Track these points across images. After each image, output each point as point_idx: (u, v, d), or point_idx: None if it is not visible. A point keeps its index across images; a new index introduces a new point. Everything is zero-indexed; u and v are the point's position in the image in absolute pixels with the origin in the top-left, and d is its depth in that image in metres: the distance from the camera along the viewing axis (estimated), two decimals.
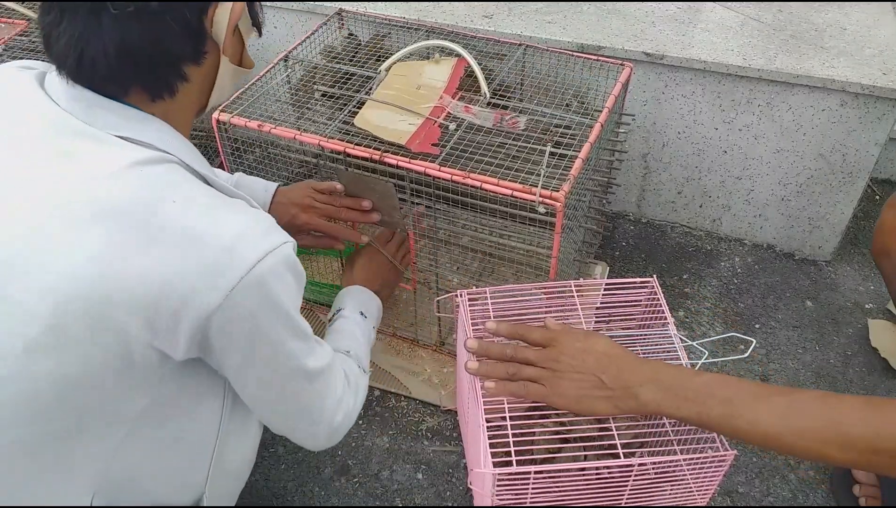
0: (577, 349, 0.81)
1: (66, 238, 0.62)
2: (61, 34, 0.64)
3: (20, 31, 1.40)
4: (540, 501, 0.81)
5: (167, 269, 0.62)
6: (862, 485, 1.06)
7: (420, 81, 1.18)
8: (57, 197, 0.63)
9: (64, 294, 0.61)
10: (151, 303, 0.62)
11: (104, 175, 0.64)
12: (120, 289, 0.61)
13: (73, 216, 0.62)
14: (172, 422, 0.73)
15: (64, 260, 0.61)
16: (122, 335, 0.63)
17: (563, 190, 0.94)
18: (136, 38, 0.64)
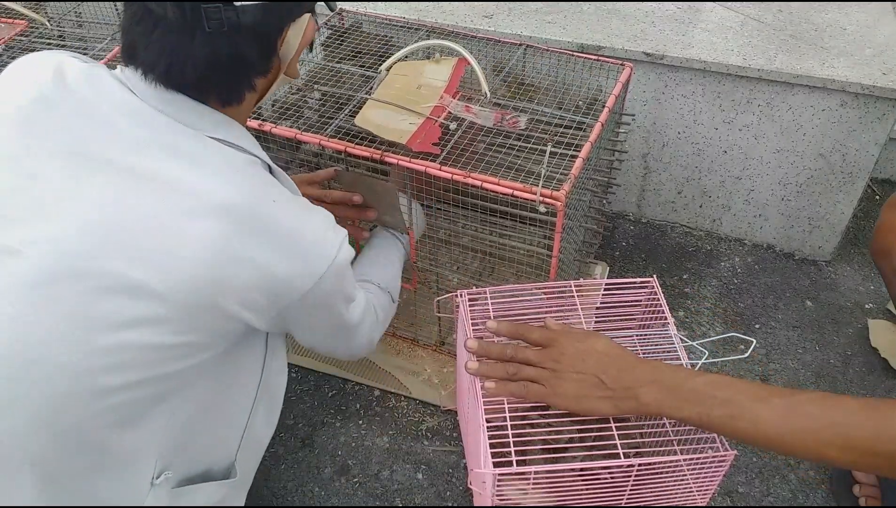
0: (577, 350, 0.81)
1: (181, 225, 0.68)
2: (152, 43, 0.70)
3: (20, 31, 1.40)
4: (540, 501, 0.81)
5: (271, 260, 0.72)
6: (862, 485, 1.06)
7: (421, 80, 1.18)
8: (173, 190, 0.69)
9: (179, 277, 0.68)
10: (255, 288, 0.72)
11: (210, 172, 0.71)
12: (230, 275, 0.70)
13: (186, 207, 0.69)
14: (220, 390, 0.81)
15: (180, 246, 0.68)
16: (222, 315, 0.72)
17: (563, 189, 0.94)
18: (223, 53, 0.71)
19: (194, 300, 0.69)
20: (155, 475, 0.76)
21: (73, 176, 0.69)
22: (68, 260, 0.66)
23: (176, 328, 0.69)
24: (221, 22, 0.69)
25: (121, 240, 0.67)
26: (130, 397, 0.70)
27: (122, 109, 0.72)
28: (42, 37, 1.41)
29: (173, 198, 0.69)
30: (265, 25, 0.73)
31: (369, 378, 1.28)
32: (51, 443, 0.68)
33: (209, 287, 0.69)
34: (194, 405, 0.78)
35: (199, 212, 0.69)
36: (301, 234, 0.75)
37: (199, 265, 0.68)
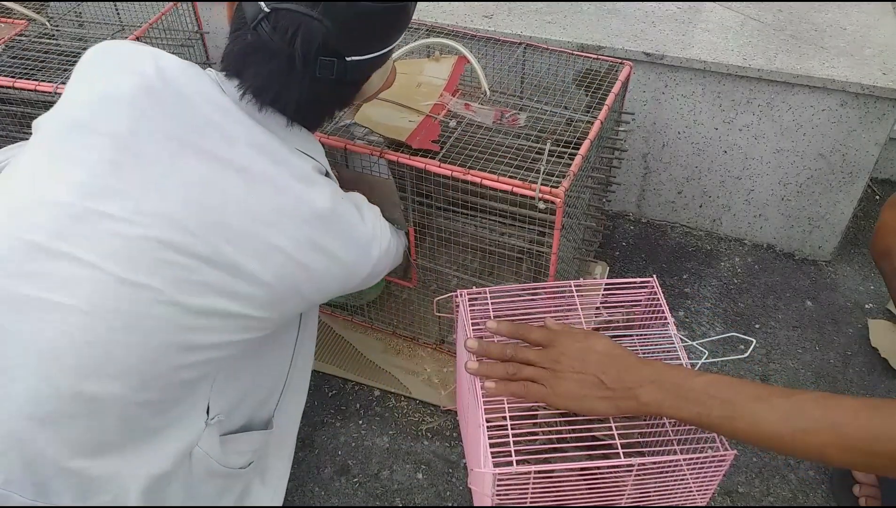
0: (577, 350, 0.81)
1: (273, 218, 0.78)
2: (261, 74, 0.79)
3: (20, 31, 1.40)
4: (540, 501, 0.81)
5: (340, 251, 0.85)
6: (862, 485, 1.06)
7: (420, 78, 1.18)
8: (258, 181, 0.78)
9: (271, 263, 0.78)
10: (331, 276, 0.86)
11: (295, 174, 0.81)
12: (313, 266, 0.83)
13: (277, 201, 0.79)
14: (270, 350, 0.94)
15: (275, 236, 0.78)
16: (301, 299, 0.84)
17: (562, 186, 0.94)
18: (325, 94, 0.83)
19: (281, 285, 0.80)
20: (209, 417, 0.84)
21: (174, 159, 0.76)
22: (172, 231, 0.74)
23: (261, 305, 0.79)
24: (333, 72, 0.79)
25: (217, 220, 0.76)
26: (209, 356, 0.79)
27: (216, 105, 0.79)
28: (42, 37, 1.41)
29: (264, 190, 0.78)
30: (362, 74, 0.84)
31: (369, 378, 1.28)
32: (135, 390, 0.75)
33: (295, 275, 0.81)
34: (248, 364, 0.89)
35: (288, 209, 0.79)
36: (362, 229, 0.89)
37: (289, 256, 0.79)
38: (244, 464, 0.92)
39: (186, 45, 1.41)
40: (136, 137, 0.76)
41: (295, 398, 1.03)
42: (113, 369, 0.73)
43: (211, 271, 0.75)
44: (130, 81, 0.78)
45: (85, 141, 0.76)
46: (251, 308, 0.79)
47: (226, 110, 0.79)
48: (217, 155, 0.77)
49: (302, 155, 0.84)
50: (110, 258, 0.72)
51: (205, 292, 0.75)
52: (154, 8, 1.43)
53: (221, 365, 0.83)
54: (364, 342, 1.33)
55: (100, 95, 0.78)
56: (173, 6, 1.41)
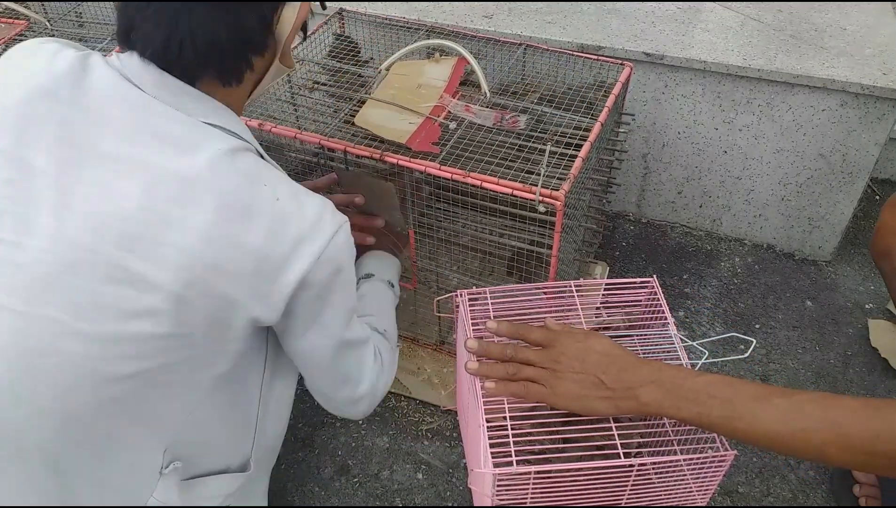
0: (577, 350, 0.81)
1: (179, 215, 0.67)
2: (148, 18, 0.69)
3: (20, 31, 1.40)
4: (540, 501, 0.81)
5: (267, 243, 0.71)
6: (862, 485, 1.06)
7: (420, 80, 1.18)
8: (164, 177, 0.68)
9: (181, 265, 0.67)
10: (255, 272, 0.71)
11: (205, 162, 0.69)
12: (228, 260, 0.69)
13: (183, 197, 0.68)
14: (231, 388, 0.81)
15: (178, 235, 0.67)
16: (227, 303, 0.71)
17: (563, 189, 0.94)
18: (222, 27, 0.70)
19: (191, 290, 0.68)
20: (163, 465, 0.77)
21: (68, 168, 0.68)
22: (71, 253, 0.67)
23: (175, 318, 0.69)
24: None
25: (117, 230, 0.67)
26: (134, 386, 0.70)
27: (115, 97, 0.71)
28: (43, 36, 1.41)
29: (164, 186, 0.68)
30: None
31: None
32: (59, 432, 0.69)
33: (205, 275, 0.69)
34: (211, 407, 0.79)
35: (188, 199, 0.68)
36: (295, 216, 0.73)
37: (192, 254, 0.68)
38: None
39: None
40: (25, 149, 0.69)
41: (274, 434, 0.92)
42: (25, 411, 0.68)
43: (114, 290, 0.67)
44: (20, 87, 0.71)
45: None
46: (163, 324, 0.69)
47: (126, 99, 0.71)
48: (116, 155, 0.69)
49: (220, 133, 0.73)
50: (6, 291, 0.67)
51: (110, 316, 0.67)
52: None
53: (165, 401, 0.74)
54: None
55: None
56: None
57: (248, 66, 0.76)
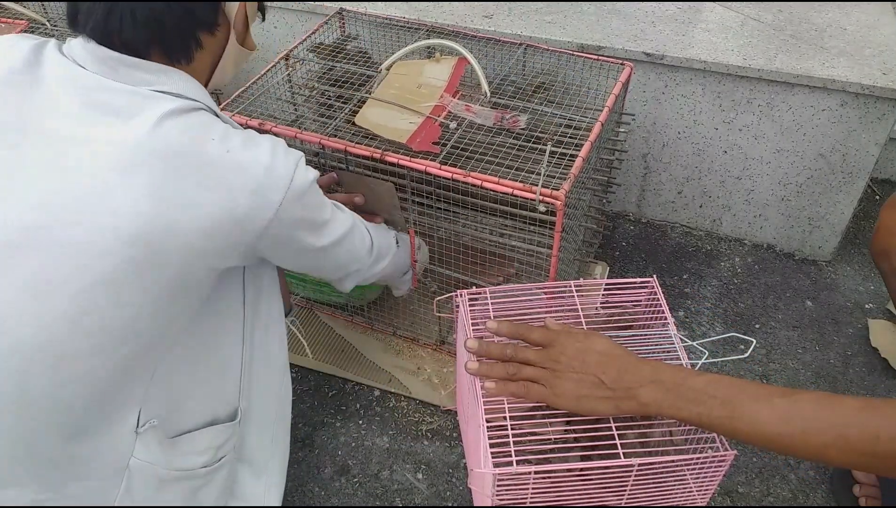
0: (577, 350, 0.81)
1: (124, 181, 0.67)
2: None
3: (20, 32, 1.40)
4: (540, 501, 0.81)
5: (221, 197, 0.70)
6: (862, 485, 1.06)
7: (421, 79, 1.18)
8: (106, 147, 0.68)
9: (128, 232, 0.67)
10: (210, 229, 0.70)
11: (147, 125, 0.68)
12: (179, 220, 0.68)
13: (126, 162, 0.68)
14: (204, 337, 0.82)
15: (125, 201, 0.67)
16: (182, 262, 0.70)
17: (563, 189, 0.94)
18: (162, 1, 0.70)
19: (145, 253, 0.68)
20: (138, 424, 0.76)
21: (13, 151, 0.69)
22: (15, 234, 0.67)
23: (132, 286, 0.68)
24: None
25: (65, 205, 0.67)
26: (96, 362, 0.70)
27: (61, 79, 0.71)
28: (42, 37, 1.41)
29: (107, 156, 0.68)
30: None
31: (369, 378, 1.28)
32: (21, 418, 0.69)
33: (157, 238, 0.68)
34: (180, 360, 0.79)
35: (132, 163, 0.67)
36: (247, 165, 0.72)
37: (139, 218, 0.67)
38: (207, 462, 0.85)
39: None
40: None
41: (265, 380, 0.93)
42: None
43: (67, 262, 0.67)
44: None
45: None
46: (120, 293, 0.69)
47: (71, 79, 0.71)
48: (61, 135, 0.69)
49: (163, 96, 0.72)
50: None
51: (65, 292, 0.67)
52: None
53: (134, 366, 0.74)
54: (364, 342, 1.33)
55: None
56: None
57: (197, 43, 0.76)
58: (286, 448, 1.01)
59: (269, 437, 0.98)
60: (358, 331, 1.35)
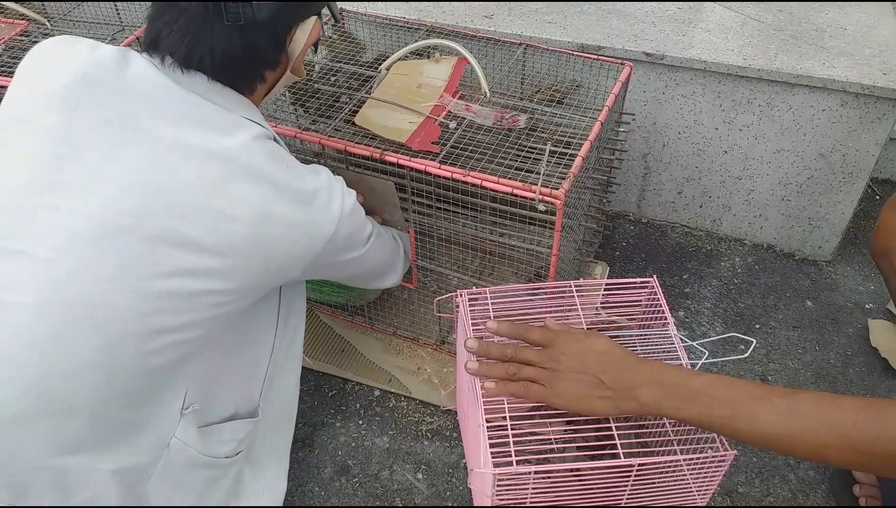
0: (577, 350, 0.81)
1: (224, 188, 0.77)
2: (174, 32, 0.79)
3: (20, 32, 1.40)
4: (540, 501, 0.81)
5: (299, 214, 0.84)
6: (862, 485, 1.06)
7: (420, 79, 1.18)
8: (204, 156, 0.77)
9: (227, 233, 0.77)
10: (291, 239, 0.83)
11: (240, 143, 0.80)
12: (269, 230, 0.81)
13: (225, 172, 0.78)
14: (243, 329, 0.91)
15: (226, 206, 0.77)
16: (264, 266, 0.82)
17: (562, 188, 0.94)
18: (238, 45, 0.81)
19: (241, 253, 0.79)
20: (184, 406, 0.83)
21: (117, 146, 0.76)
22: (121, 216, 0.74)
23: (224, 278, 0.78)
24: (238, 16, 0.78)
25: (167, 200, 0.75)
26: (178, 338, 0.78)
27: (155, 84, 0.79)
28: (42, 37, 1.41)
29: (212, 164, 0.77)
30: (277, 22, 0.83)
31: (369, 378, 1.28)
32: (101, 387, 0.74)
33: (253, 241, 0.79)
34: (221, 352, 0.87)
35: (238, 177, 0.78)
36: (316, 189, 0.86)
37: (246, 223, 0.78)
38: (229, 453, 0.92)
39: None
40: (73, 128, 0.76)
41: (281, 385, 1.01)
42: (75, 364, 0.72)
43: (164, 251, 0.74)
44: (66, 73, 0.79)
45: (23, 137, 0.77)
46: (210, 282, 0.78)
47: (166, 88, 0.79)
48: (159, 135, 0.77)
49: (247, 122, 0.83)
50: (60, 251, 0.72)
51: (160, 273, 0.74)
52: None
53: (193, 351, 0.81)
54: (364, 342, 1.33)
55: (37, 91, 0.79)
56: None
57: (261, 79, 0.87)
58: (286, 454, 1.06)
59: (273, 441, 1.02)
60: (358, 331, 1.35)
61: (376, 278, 1.09)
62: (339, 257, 0.92)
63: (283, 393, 1.02)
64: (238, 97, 0.84)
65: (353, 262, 0.96)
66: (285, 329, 0.98)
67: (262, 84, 0.87)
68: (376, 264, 1.04)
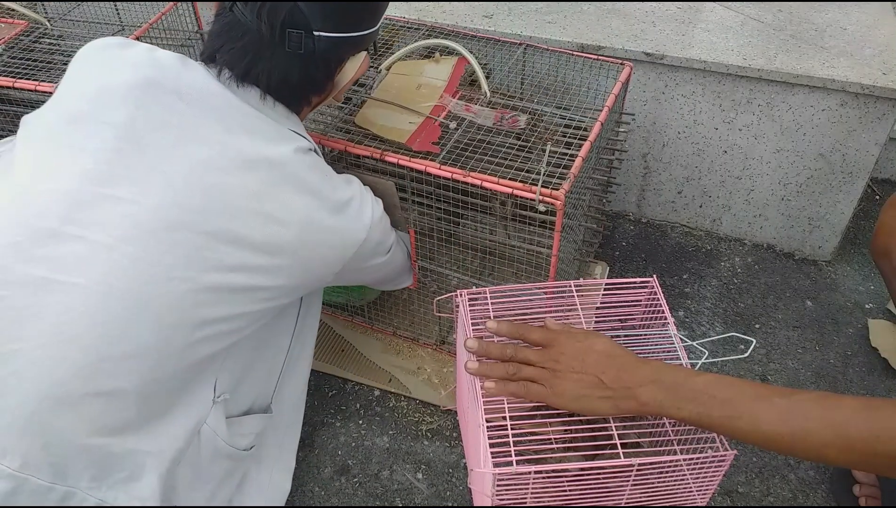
0: (577, 349, 0.81)
1: (275, 195, 0.82)
2: (236, 49, 0.84)
3: (20, 32, 1.40)
4: (540, 501, 0.81)
5: (336, 222, 0.89)
6: (862, 485, 1.06)
7: (420, 80, 1.18)
8: (256, 163, 0.82)
9: (276, 235, 0.82)
10: (328, 245, 0.89)
11: (289, 152, 0.84)
12: (313, 236, 0.86)
13: (276, 180, 0.83)
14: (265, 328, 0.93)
15: (278, 210, 0.82)
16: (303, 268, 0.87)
17: (563, 189, 0.94)
18: (295, 72, 0.86)
19: (286, 254, 0.83)
20: (216, 395, 0.87)
21: (174, 145, 0.79)
22: (180, 212, 0.77)
23: (270, 275, 0.83)
24: (300, 46, 0.83)
25: (223, 200, 0.79)
26: (223, 328, 0.82)
27: (212, 92, 0.83)
28: (42, 37, 1.41)
29: (262, 171, 0.82)
30: (332, 55, 0.88)
31: (369, 378, 1.28)
32: (153, 369, 0.77)
33: (297, 244, 0.84)
34: (247, 347, 0.91)
35: (285, 184, 0.83)
36: (350, 199, 0.91)
37: (293, 227, 0.83)
38: (247, 446, 0.95)
39: (186, 45, 1.41)
40: (135, 126, 0.79)
41: (292, 384, 1.05)
42: (129, 347, 0.75)
43: (219, 247, 0.79)
44: (127, 73, 0.82)
45: (87, 131, 0.79)
46: (258, 278, 0.82)
47: (222, 97, 0.83)
48: (216, 140, 0.81)
49: (294, 135, 0.88)
50: (122, 239, 0.75)
51: (215, 267, 0.79)
52: (154, 8, 1.43)
53: (232, 343, 0.85)
54: (364, 342, 1.33)
55: (98, 88, 0.82)
56: (173, 6, 1.41)
57: (307, 102, 0.92)
58: (293, 455, 1.08)
59: (280, 439, 1.04)
60: (358, 331, 1.35)
61: (392, 281, 1.15)
62: (368, 262, 0.97)
63: (293, 394, 1.06)
64: (286, 111, 0.89)
65: (378, 267, 1.02)
66: (301, 331, 1.03)
67: (307, 106, 0.93)
68: (395, 269, 1.10)
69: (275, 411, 1.01)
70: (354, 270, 0.96)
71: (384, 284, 1.15)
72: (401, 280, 1.17)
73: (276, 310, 0.91)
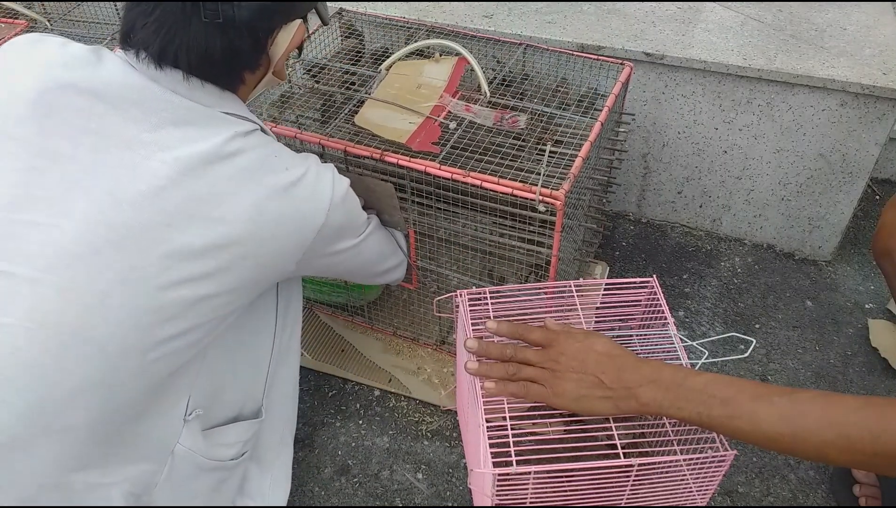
0: (576, 350, 0.81)
1: (213, 191, 0.75)
2: (149, 24, 0.75)
3: (20, 32, 1.40)
4: (540, 501, 0.81)
5: (290, 207, 0.80)
6: (862, 485, 1.06)
7: (420, 80, 1.18)
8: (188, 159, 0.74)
9: (219, 235, 0.75)
10: (283, 234, 0.80)
11: (224, 141, 0.76)
12: (262, 227, 0.78)
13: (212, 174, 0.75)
14: (242, 330, 0.89)
15: (215, 207, 0.74)
16: (257, 263, 0.79)
17: (563, 189, 0.94)
18: (216, 44, 0.76)
19: (232, 252, 0.76)
20: (187, 412, 0.82)
21: (96, 154, 0.72)
22: (107, 230, 0.70)
23: (217, 281, 0.76)
24: (217, 14, 0.74)
25: (153, 208, 0.72)
26: (177, 345, 0.75)
27: (132, 88, 0.75)
28: None
29: (195, 167, 0.74)
30: (258, 23, 0.78)
31: (369, 378, 1.28)
32: (105, 403, 0.72)
33: (244, 239, 0.76)
34: (222, 354, 0.86)
35: (226, 178, 0.75)
36: (305, 178, 0.82)
37: (237, 224, 0.75)
38: (235, 455, 0.91)
39: None
40: (49, 138, 0.72)
41: (283, 381, 1.00)
42: (72, 383, 0.70)
43: (156, 262, 0.71)
44: (35, 77, 0.74)
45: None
46: (205, 287, 0.75)
47: (142, 89, 0.75)
48: (140, 140, 0.73)
49: (230, 118, 0.80)
50: (46, 269, 0.69)
51: (155, 286, 0.71)
52: None
53: (193, 357, 0.80)
54: (364, 342, 1.33)
55: (4, 98, 0.74)
56: None
57: (239, 80, 0.83)
58: (291, 450, 1.06)
59: (278, 437, 1.03)
60: (358, 331, 1.35)
61: (381, 274, 1.07)
62: (335, 245, 0.89)
63: (284, 390, 1.02)
64: (218, 91, 0.80)
65: (352, 253, 0.94)
66: (284, 326, 0.97)
67: (241, 86, 0.83)
68: (378, 255, 1.02)
69: (268, 411, 0.97)
70: (321, 255, 0.88)
71: (372, 276, 1.07)
72: (392, 272, 1.09)
73: (238, 313, 0.83)
